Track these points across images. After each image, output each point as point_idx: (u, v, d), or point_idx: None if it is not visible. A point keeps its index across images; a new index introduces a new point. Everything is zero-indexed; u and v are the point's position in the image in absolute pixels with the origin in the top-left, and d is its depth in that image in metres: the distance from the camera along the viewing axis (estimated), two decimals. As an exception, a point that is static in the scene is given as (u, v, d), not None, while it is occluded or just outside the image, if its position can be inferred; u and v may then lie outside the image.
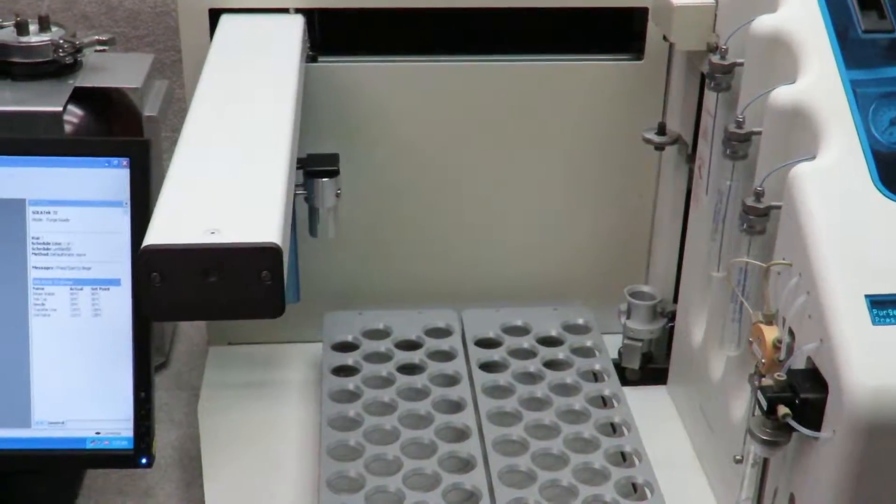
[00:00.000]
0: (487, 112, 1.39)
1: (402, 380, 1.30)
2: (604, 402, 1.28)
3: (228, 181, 0.93)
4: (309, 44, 1.32)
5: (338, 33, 1.37)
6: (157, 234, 0.83)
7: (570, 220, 1.46)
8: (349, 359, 1.33)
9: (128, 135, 1.30)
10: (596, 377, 1.32)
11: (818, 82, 1.00)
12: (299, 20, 1.30)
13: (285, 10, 1.32)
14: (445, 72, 1.37)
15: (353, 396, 1.27)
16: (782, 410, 0.91)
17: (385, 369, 1.32)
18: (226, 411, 1.33)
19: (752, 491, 1.00)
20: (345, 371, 1.32)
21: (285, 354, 1.44)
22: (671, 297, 1.38)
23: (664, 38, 1.28)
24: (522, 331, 1.39)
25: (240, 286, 0.82)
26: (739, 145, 1.08)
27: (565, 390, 1.29)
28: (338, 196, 1.26)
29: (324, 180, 1.27)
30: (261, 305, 0.83)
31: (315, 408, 1.30)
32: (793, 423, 0.91)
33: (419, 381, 1.30)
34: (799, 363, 0.94)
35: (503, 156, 1.41)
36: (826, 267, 0.92)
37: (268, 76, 1.15)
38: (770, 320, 0.97)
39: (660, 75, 1.36)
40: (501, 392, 1.29)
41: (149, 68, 1.35)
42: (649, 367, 1.40)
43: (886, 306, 0.90)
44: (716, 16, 1.19)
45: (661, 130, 1.33)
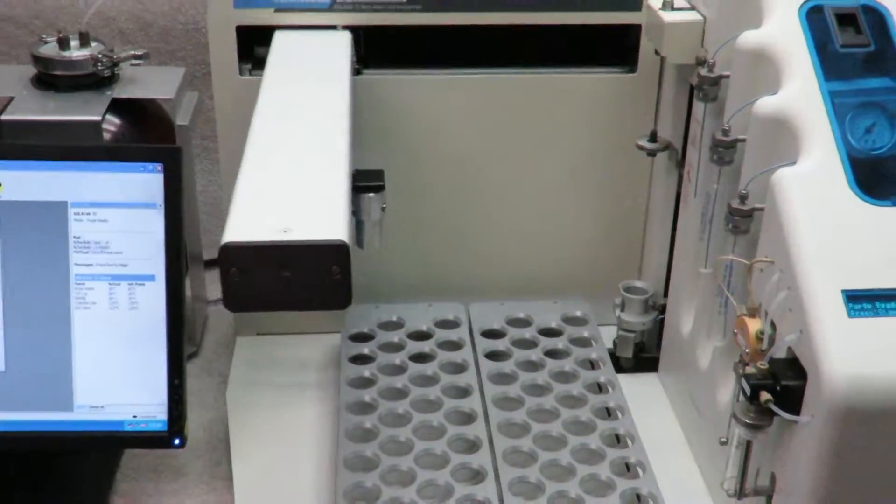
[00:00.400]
0: (496, 119, 1.39)
1: (414, 367, 1.30)
2: (599, 389, 1.29)
3: (295, 185, 0.93)
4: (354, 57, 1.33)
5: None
6: (236, 232, 0.83)
7: (570, 220, 1.46)
8: (365, 348, 1.34)
9: (161, 142, 1.30)
10: (592, 365, 1.33)
11: (799, 93, 1.00)
12: (347, 36, 1.31)
13: (333, 27, 1.32)
14: (458, 84, 1.37)
15: (369, 383, 1.28)
16: (765, 396, 0.92)
17: (398, 358, 1.32)
18: (252, 396, 1.34)
19: (737, 470, 1.00)
20: (361, 359, 1.32)
21: (307, 344, 1.44)
22: (662, 291, 1.38)
23: (656, 52, 1.27)
24: (525, 322, 1.40)
25: (311, 280, 0.82)
26: (725, 151, 1.08)
27: (564, 377, 1.29)
28: (383, 210, 1.26)
29: (370, 195, 1.26)
30: (331, 298, 0.83)
31: (334, 393, 1.30)
32: (774, 408, 0.92)
33: (429, 368, 1.30)
34: (780, 353, 0.94)
35: (510, 162, 1.41)
36: (805, 264, 0.92)
37: (324, 87, 1.15)
38: (753, 313, 0.97)
39: (652, 87, 1.36)
40: (505, 379, 1.29)
41: (181, 81, 1.35)
42: (642, 356, 1.39)
43: (861, 300, 0.90)
44: (704, 32, 1.19)
45: (653, 138, 1.33)
